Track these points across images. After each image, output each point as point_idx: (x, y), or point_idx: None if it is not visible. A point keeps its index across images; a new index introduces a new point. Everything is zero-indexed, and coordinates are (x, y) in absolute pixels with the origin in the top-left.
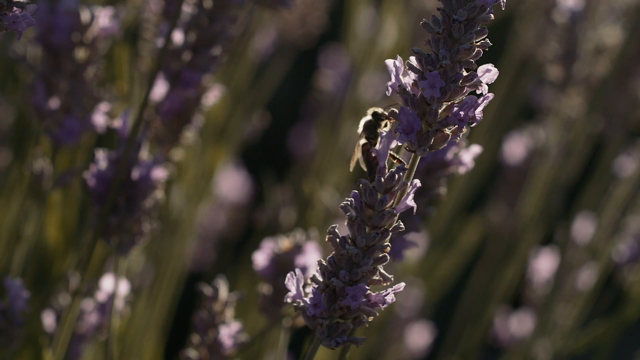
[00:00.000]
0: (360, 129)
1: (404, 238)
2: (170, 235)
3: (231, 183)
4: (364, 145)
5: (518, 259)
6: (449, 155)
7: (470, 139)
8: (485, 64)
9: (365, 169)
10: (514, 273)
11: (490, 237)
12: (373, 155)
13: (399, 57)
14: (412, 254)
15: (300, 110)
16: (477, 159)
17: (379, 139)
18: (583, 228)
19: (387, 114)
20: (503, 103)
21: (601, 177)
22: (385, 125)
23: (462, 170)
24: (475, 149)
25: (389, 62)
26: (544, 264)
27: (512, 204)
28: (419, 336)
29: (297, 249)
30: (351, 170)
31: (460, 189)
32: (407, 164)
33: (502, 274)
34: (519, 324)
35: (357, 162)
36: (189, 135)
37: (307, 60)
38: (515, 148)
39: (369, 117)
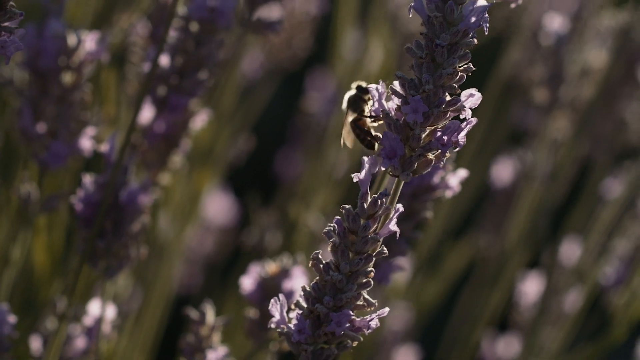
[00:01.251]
0: (344, 105)
1: (390, 262)
2: (158, 259)
3: (218, 206)
4: (351, 122)
5: (505, 282)
6: (436, 179)
7: (457, 162)
8: (471, 87)
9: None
10: (501, 296)
11: (477, 260)
12: (365, 128)
13: (381, 82)
14: (400, 277)
15: (287, 132)
16: (465, 182)
17: (366, 111)
18: (569, 251)
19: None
20: (490, 126)
21: (587, 200)
22: (370, 100)
23: (448, 194)
24: (462, 173)
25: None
26: (531, 287)
27: (500, 227)
28: (406, 359)
29: (284, 273)
30: (342, 145)
31: (448, 211)
32: (392, 189)
33: (489, 296)
34: (505, 347)
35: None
36: (176, 159)
37: (294, 83)
38: (503, 171)
39: (353, 92)
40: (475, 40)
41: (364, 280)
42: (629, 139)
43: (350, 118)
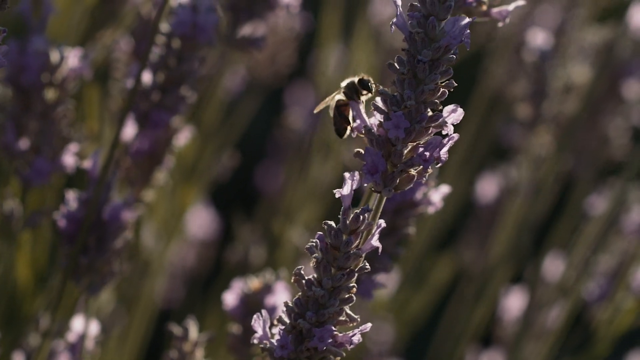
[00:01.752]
0: (342, 84)
1: (372, 278)
2: (141, 275)
3: (201, 221)
4: (338, 101)
5: (488, 296)
6: (418, 195)
7: (441, 177)
8: (454, 102)
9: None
10: (485, 311)
11: (461, 275)
12: (345, 114)
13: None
14: (384, 292)
15: (270, 148)
16: (449, 197)
17: (352, 113)
18: (553, 266)
19: (375, 85)
20: (473, 141)
21: (571, 215)
22: (365, 95)
23: (431, 210)
24: (444, 189)
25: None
26: (514, 302)
27: (483, 242)
28: None
29: (267, 289)
30: (315, 112)
31: (432, 226)
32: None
33: (473, 311)
34: None
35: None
36: (160, 175)
37: (278, 98)
38: (487, 187)
39: (356, 79)
40: (456, 56)
41: (347, 296)
42: (613, 155)
43: (338, 96)
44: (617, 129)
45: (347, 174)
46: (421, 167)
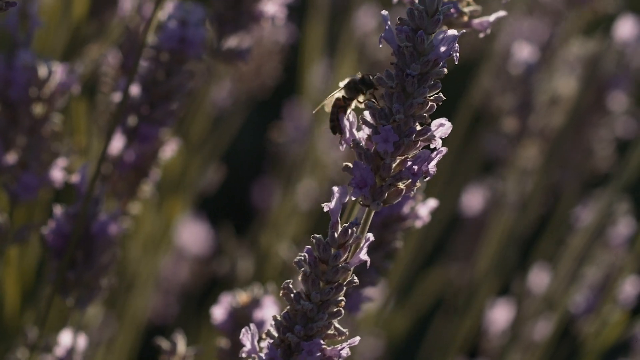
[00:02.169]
0: (342, 84)
1: (360, 291)
2: (129, 288)
3: (192, 235)
4: (337, 100)
5: (475, 309)
6: (406, 209)
7: (428, 191)
8: (441, 115)
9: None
10: (471, 324)
11: (448, 288)
12: (343, 117)
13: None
14: (371, 306)
15: (259, 161)
16: (436, 210)
17: (351, 106)
18: (539, 279)
19: (376, 83)
20: (460, 154)
21: (557, 228)
22: (366, 94)
23: (418, 224)
24: (432, 203)
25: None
26: (501, 315)
27: (470, 255)
28: None
29: (255, 303)
30: (313, 113)
31: (419, 239)
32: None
33: (460, 324)
34: None
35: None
36: (146, 188)
37: (265, 111)
38: (473, 200)
39: (357, 77)
40: (446, 70)
41: (335, 310)
42: (599, 167)
43: (338, 94)
44: (603, 141)
45: (335, 188)
46: (410, 180)
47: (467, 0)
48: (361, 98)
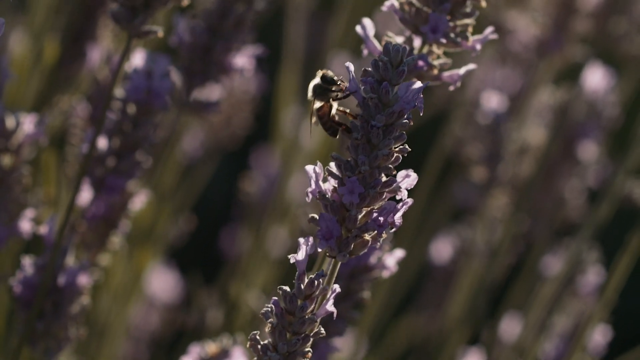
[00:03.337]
0: (310, 94)
1: (328, 342)
2: (100, 337)
3: (162, 283)
4: (318, 109)
5: (446, 358)
6: (373, 260)
7: (397, 239)
8: (410, 164)
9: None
10: None
11: (418, 338)
12: (335, 118)
13: (318, 163)
14: (341, 355)
15: (229, 211)
16: (405, 259)
17: (333, 105)
18: (509, 327)
19: (337, 78)
20: (430, 203)
21: (527, 277)
22: (336, 88)
23: (385, 274)
24: (399, 253)
25: (309, 168)
26: None
27: (440, 304)
28: None
29: (224, 354)
30: (310, 130)
31: (389, 288)
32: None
33: None
34: None
35: None
36: (115, 239)
37: (236, 160)
38: (443, 248)
39: (317, 81)
40: (411, 122)
41: None
42: (569, 216)
43: (316, 105)
44: (572, 190)
45: (301, 239)
46: (376, 232)
47: (437, 53)
48: (333, 94)
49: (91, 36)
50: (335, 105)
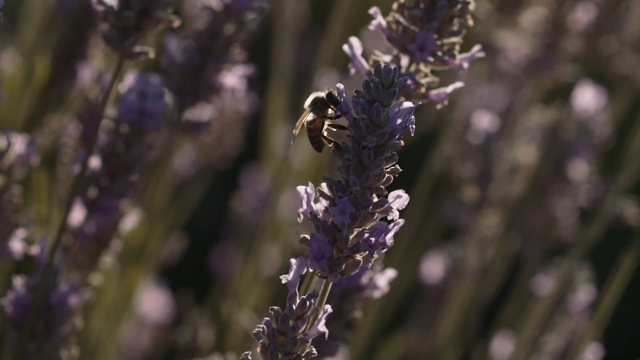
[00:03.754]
0: (307, 104)
1: None
2: (91, 357)
3: (154, 302)
4: (310, 123)
5: None
6: (364, 280)
7: (388, 258)
8: (401, 183)
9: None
10: None
11: (410, 357)
12: (323, 135)
13: (310, 184)
14: None
15: (220, 230)
16: (397, 278)
17: (326, 122)
18: (501, 347)
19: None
20: (421, 222)
21: (519, 296)
22: (335, 109)
23: (377, 294)
24: (390, 273)
25: (300, 189)
26: None
27: (431, 323)
28: None
29: None
30: (291, 142)
31: (380, 307)
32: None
33: None
34: None
35: None
36: (107, 259)
37: (227, 180)
38: (434, 268)
39: (321, 95)
40: (402, 142)
41: None
42: (560, 235)
43: (308, 118)
44: (563, 209)
45: (293, 260)
46: (367, 252)
47: (425, 72)
48: (329, 112)
49: (82, 56)
50: (326, 123)
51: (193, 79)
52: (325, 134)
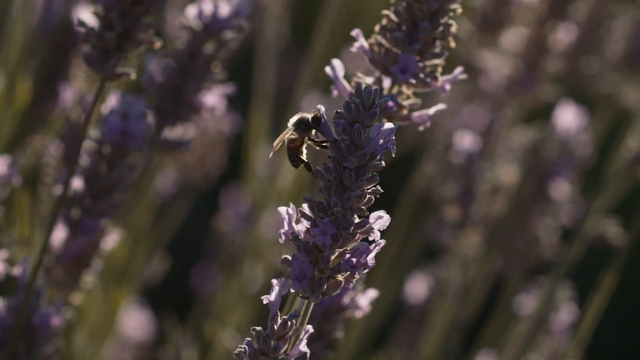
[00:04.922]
0: (291, 122)
1: None
2: None
3: (136, 322)
4: (291, 141)
5: None
6: (346, 300)
7: (370, 278)
8: (383, 203)
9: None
10: None
11: None
12: (302, 153)
13: (291, 205)
14: None
15: (203, 250)
16: (379, 298)
17: (305, 144)
18: None
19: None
20: (403, 241)
21: (501, 315)
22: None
23: (359, 314)
24: (372, 294)
25: (282, 209)
26: None
27: (414, 343)
28: None
29: None
30: (270, 156)
31: (363, 327)
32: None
33: None
34: None
35: None
36: (89, 279)
37: (209, 200)
38: (416, 287)
39: (307, 117)
40: (383, 163)
41: None
42: (542, 254)
43: (289, 136)
44: (545, 228)
45: (274, 281)
46: (348, 272)
47: (407, 94)
48: (312, 134)
49: (64, 76)
50: (305, 144)
51: (173, 98)
52: (304, 152)
